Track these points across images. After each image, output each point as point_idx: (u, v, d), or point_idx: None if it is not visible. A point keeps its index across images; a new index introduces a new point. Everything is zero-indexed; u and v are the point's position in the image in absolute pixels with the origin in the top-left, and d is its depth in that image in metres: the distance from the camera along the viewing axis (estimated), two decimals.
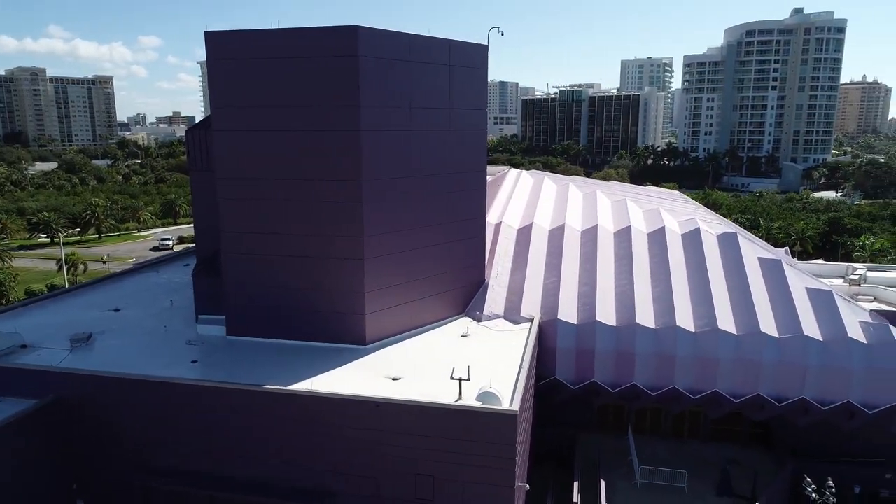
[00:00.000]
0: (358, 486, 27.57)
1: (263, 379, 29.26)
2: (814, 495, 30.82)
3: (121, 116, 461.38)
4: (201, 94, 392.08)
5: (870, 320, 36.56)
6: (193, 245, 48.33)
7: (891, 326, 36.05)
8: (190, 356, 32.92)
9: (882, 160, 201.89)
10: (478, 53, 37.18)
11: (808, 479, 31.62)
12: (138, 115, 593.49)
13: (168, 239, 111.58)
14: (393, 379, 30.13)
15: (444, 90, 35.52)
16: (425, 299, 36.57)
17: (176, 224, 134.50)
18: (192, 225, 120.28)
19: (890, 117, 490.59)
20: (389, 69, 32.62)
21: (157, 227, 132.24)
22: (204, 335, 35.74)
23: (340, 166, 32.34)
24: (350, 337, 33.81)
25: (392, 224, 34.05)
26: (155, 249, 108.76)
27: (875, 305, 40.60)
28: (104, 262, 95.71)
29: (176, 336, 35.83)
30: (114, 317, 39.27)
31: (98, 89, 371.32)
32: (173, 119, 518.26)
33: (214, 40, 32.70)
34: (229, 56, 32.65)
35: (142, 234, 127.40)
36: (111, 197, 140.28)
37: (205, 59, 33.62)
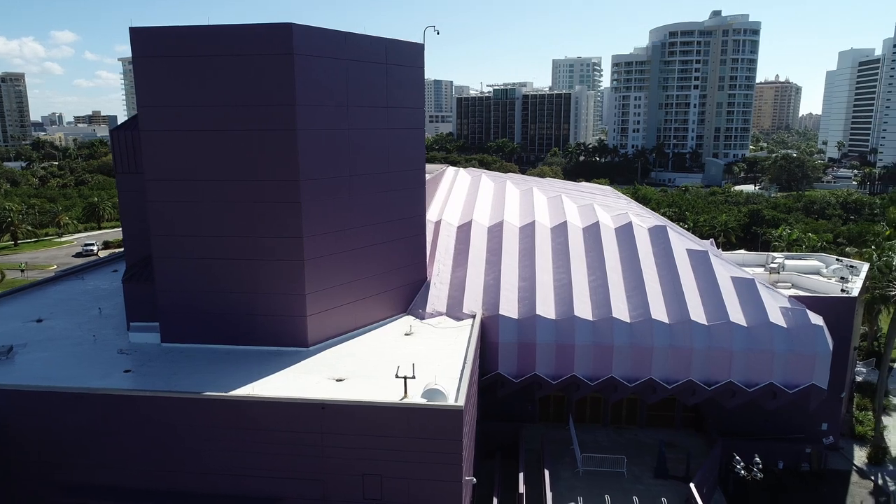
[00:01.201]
0: (305, 491, 27.21)
1: (202, 386, 28.43)
2: (742, 472, 32.66)
3: (35, 116, 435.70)
4: (123, 92, 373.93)
5: (789, 305, 38.95)
6: (121, 250, 46.34)
7: (807, 311, 38.53)
8: (123, 365, 31.56)
9: (794, 155, 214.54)
10: (414, 52, 37.25)
11: (738, 458, 33.47)
12: (54, 114, 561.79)
13: (92, 244, 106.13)
14: (337, 380, 29.88)
15: (382, 89, 35.42)
16: (368, 299, 36.42)
17: (100, 228, 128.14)
18: (117, 229, 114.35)
19: (800, 114, 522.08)
20: (325, 67, 32.26)
21: (79, 232, 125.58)
22: (137, 343, 34.34)
23: (277, 166, 31.76)
24: (292, 339, 33.27)
25: (332, 224, 33.72)
26: (78, 255, 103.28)
27: (793, 291, 43.20)
28: (22, 271, 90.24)
29: (106, 345, 34.27)
30: (37, 328, 37.16)
31: (9, 87, 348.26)
32: (93, 118, 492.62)
33: (140, 37, 31.41)
34: (156, 53, 31.46)
35: (63, 239, 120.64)
36: (27, 201, 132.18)
37: (127, 55, 32.32)
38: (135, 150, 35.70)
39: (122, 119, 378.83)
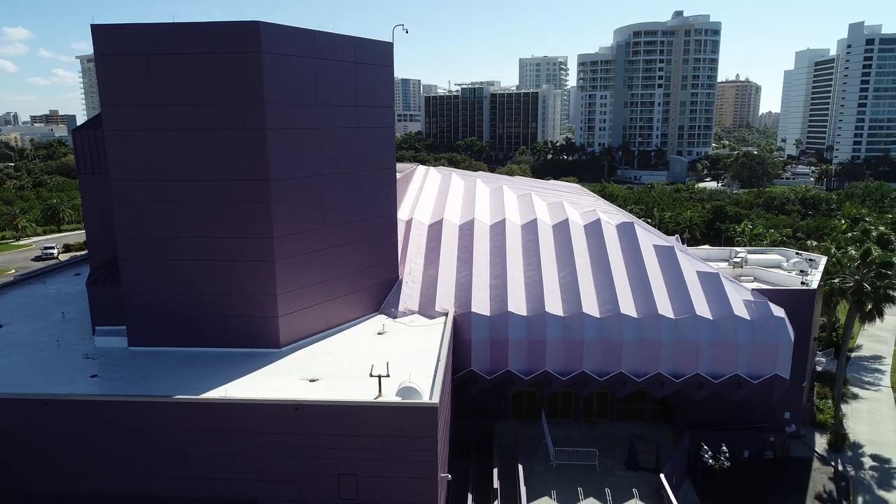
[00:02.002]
0: (280, 492, 27.04)
1: (173, 389, 28.01)
2: (710, 461, 33.50)
3: None
4: (82, 90, 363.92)
5: (752, 299, 40.05)
6: (84, 253, 45.21)
7: (770, 303, 39.68)
8: (89, 371, 30.88)
9: (755, 153, 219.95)
10: (383, 51, 37.21)
11: (705, 447, 34.32)
12: (9, 113, 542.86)
13: (52, 247, 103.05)
14: (311, 380, 29.74)
15: (351, 88, 35.31)
16: (340, 298, 36.29)
17: (60, 231, 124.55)
18: (78, 232, 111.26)
19: (760, 113, 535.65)
20: (294, 66, 32.03)
21: (37, 235, 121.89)
22: (103, 348, 33.64)
23: (246, 166, 31.42)
24: (263, 340, 32.98)
25: (303, 224, 33.51)
26: (38, 259, 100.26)
27: (756, 285, 44.40)
28: None
29: (71, 350, 33.48)
30: None
31: None
32: (51, 118, 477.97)
33: (103, 34, 30.73)
34: (120, 51, 30.82)
35: (21, 243, 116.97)
36: None
37: (84, 53, 31.66)
38: (98, 150, 34.93)
39: (81, 119, 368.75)
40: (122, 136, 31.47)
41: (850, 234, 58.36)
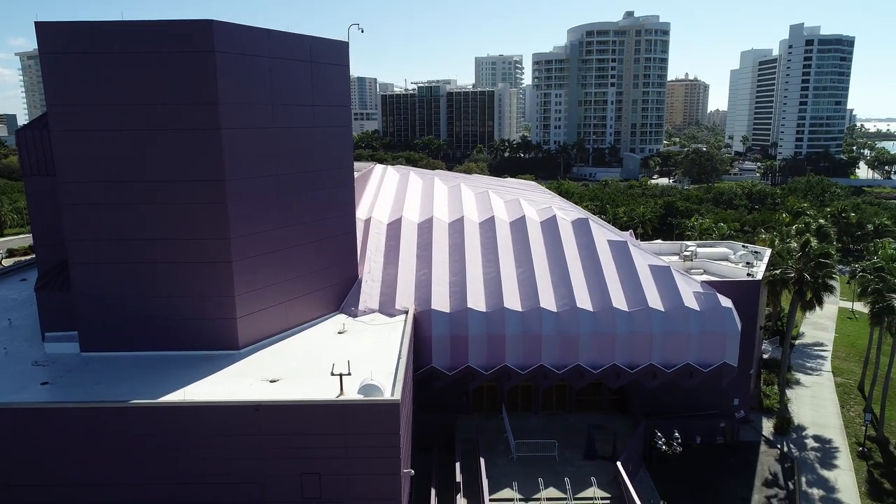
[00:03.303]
0: (243, 494, 26.87)
1: (129, 394, 27.50)
2: (663, 448, 34.75)
3: None
4: (23, 89, 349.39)
5: (701, 290, 41.58)
6: (30, 258, 43.74)
7: (718, 294, 41.27)
8: (39, 378, 29.98)
9: (704, 149, 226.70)
10: (339, 50, 37.18)
11: (659, 434, 35.55)
12: None
13: None
14: (271, 381, 29.60)
15: (307, 87, 35.20)
16: (299, 298, 36.15)
17: (3, 236, 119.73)
18: (22, 236, 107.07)
19: (709, 111, 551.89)
20: (249, 65, 31.77)
21: None
22: (53, 354, 32.67)
23: (201, 167, 31.03)
24: (222, 342, 32.63)
25: (260, 224, 33.27)
26: None
27: (705, 277, 46.04)
28: None
29: (19, 358, 32.42)
30: None
31: None
32: None
33: (47, 32, 29.89)
34: (67, 49, 30.01)
35: None
36: None
37: (23, 49, 30.80)
38: (45, 151, 33.87)
39: (22, 118, 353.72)
40: (69, 137, 30.65)
41: (792, 228, 61.02)
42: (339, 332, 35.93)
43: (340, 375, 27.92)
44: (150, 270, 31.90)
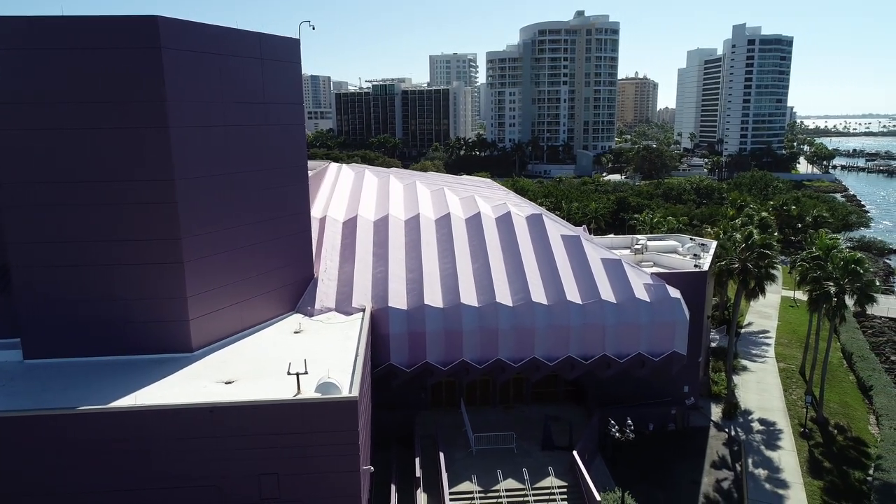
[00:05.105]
0: (200, 498, 26.47)
1: (78, 401, 26.73)
2: (617, 435, 35.71)
3: None
4: None
5: (651, 282, 42.87)
6: None
7: (667, 286, 42.62)
8: None
9: (654, 146, 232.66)
10: (289, 47, 36.87)
11: (612, 422, 36.54)
12: None
13: None
14: (226, 382, 29.23)
15: (258, 84, 34.80)
16: (254, 298, 35.74)
17: None
18: None
19: (658, 108, 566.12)
20: (196, 62, 31.23)
21: None
22: None
23: (150, 166, 30.38)
24: (175, 345, 32.02)
25: (212, 224, 32.76)
26: None
27: (654, 269, 47.45)
28: None
29: None
30: None
31: None
32: None
33: None
34: (6, 46, 28.91)
35: None
36: None
37: None
38: None
39: None
40: (10, 136, 29.55)
41: (737, 220, 63.37)
42: (296, 332, 35.69)
43: (297, 374, 27.78)
44: (97, 273, 31.06)
